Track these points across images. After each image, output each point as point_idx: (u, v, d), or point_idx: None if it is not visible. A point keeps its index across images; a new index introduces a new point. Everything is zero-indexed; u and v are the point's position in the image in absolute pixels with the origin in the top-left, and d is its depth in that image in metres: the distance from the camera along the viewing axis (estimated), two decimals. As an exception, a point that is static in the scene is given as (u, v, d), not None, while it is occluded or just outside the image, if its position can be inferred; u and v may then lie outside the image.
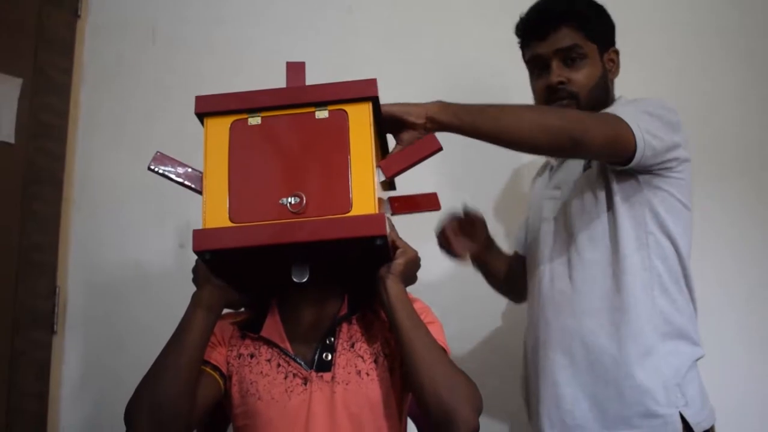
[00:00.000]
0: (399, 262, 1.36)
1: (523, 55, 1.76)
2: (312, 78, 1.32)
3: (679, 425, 1.46)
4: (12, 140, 2.08)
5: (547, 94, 1.66)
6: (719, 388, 1.64)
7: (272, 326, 1.43)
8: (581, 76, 1.64)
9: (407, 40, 2.36)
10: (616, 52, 1.73)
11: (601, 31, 1.69)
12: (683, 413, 1.46)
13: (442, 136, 1.32)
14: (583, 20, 1.65)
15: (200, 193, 1.27)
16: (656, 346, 1.51)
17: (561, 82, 1.63)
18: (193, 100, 1.30)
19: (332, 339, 1.42)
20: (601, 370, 1.53)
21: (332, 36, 2.37)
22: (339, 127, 1.26)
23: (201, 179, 1.27)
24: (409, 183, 1.43)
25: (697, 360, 1.56)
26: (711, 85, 2.31)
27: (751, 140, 2.28)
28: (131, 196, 2.22)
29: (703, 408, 1.51)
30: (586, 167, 1.65)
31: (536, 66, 1.70)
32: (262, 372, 1.40)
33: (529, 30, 1.71)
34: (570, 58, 1.64)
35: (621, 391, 1.50)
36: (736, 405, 1.95)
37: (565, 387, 1.57)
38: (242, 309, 1.50)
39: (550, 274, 1.68)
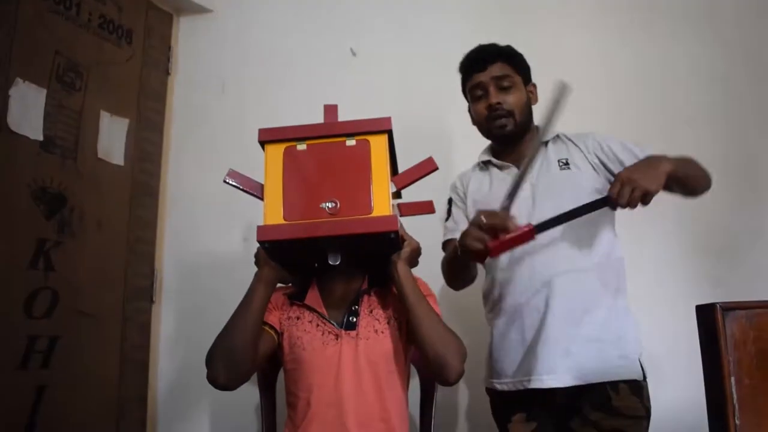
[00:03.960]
0: (406, 251, 1.35)
1: (465, 87, 1.64)
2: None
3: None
4: (122, 163, 2.08)
5: (488, 113, 1.55)
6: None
7: (313, 296, 1.42)
8: (513, 99, 1.54)
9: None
10: (534, 86, 1.63)
11: (523, 67, 1.61)
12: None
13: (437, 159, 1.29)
14: (511, 57, 1.58)
15: (262, 199, 1.25)
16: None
17: (499, 103, 1.53)
18: (254, 132, 1.27)
19: (356, 306, 1.41)
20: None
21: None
22: (363, 152, 1.25)
23: (262, 189, 1.26)
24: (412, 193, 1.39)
25: None
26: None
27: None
28: (207, 203, 2.21)
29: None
30: (563, 167, 1.54)
31: (476, 93, 1.58)
32: (305, 330, 1.39)
33: (472, 63, 1.60)
34: (503, 85, 1.54)
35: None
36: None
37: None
38: (291, 284, 1.48)
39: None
